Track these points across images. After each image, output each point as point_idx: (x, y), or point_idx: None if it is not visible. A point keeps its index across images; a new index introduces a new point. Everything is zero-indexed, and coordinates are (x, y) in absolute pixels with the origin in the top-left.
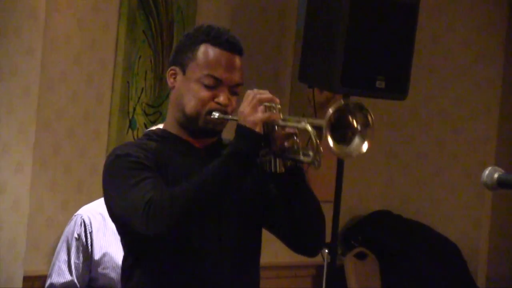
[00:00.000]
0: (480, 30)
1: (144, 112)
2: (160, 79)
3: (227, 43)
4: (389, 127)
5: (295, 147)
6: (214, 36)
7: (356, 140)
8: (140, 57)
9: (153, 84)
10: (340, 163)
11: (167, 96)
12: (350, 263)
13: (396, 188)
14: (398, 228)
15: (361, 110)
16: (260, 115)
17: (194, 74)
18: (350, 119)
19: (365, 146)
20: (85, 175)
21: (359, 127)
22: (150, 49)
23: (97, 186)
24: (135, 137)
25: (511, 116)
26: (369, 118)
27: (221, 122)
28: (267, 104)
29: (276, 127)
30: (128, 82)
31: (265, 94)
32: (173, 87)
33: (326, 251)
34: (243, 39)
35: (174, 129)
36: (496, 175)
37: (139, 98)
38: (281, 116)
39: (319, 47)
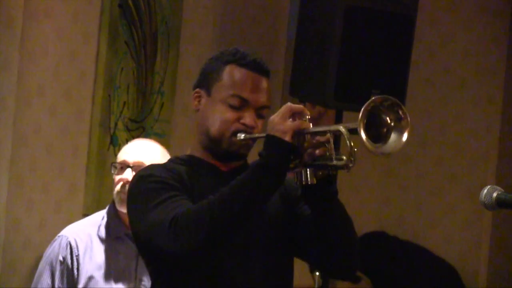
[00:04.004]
0: (481, 42)
1: (127, 127)
2: (143, 93)
3: (254, 64)
4: None
5: (327, 154)
6: (240, 57)
7: (393, 136)
8: (122, 69)
9: (136, 98)
10: None
11: (151, 110)
12: (342, 287)
13: (392, 208)
14: (394, 250)
15: (392, 107)
16: (289, 123)
17: (220, 94)
18: (383, 116)
19: (404, 137)
20: (64, 194)
21: (392, 123)
22: (132, 61)
23: (77, 205)
24: (117, 154)
25: None
26: (401, 112)
27: (246, 144)
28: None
29: (307, 137)
30: (109, 95)
31: (297, 105)
32: (198, 109)
33: (317, 273)
34: None
35: (199, 153)
36: (495, 195)
37: (121, 112)
38: (311, 126)
39: (311, 59)
